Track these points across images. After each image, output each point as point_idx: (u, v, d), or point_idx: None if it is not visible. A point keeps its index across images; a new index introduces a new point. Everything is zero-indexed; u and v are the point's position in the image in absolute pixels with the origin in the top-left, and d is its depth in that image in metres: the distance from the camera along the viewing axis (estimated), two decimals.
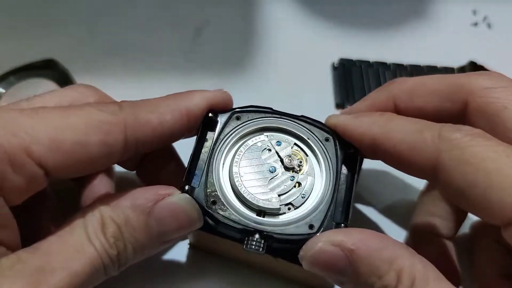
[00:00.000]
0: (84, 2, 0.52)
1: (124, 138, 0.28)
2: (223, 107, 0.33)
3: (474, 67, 0.48)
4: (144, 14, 0.52)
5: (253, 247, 0.28)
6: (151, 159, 0.35)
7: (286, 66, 0.49)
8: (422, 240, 0.36)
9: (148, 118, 0.29)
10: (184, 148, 0.35)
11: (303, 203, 0.31)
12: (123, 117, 0.28)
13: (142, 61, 0.49)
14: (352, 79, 0.48)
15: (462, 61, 0.49)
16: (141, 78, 0.48)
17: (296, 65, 0.49)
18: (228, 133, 0.32)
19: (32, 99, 0.30)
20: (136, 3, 0.53)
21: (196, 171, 0.31)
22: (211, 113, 0.32)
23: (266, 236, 0.29)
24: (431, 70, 0.48)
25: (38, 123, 0.26)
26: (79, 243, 0.27)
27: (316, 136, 0.33)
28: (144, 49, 0.49)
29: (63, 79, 0.47)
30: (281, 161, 0.32)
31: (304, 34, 0.51)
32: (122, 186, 0.31)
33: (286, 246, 0.29)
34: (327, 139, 0.33)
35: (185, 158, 0.32)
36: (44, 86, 0.47)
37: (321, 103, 0.47)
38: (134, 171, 0.37)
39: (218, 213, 0.30)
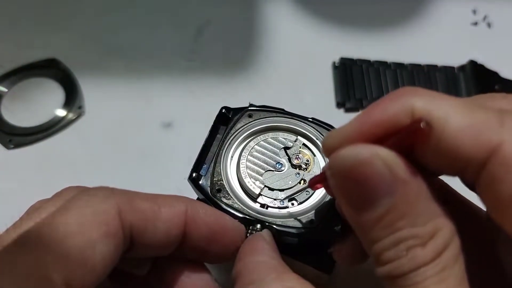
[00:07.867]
0: (86, 2, 0.53)
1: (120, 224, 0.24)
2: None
3: (474, 66, 0.48)
4: (145, 14, 0.52)
5: None
6: (168, 263, 0.28)
7: (287, 65, 0.49)
8: None
9: (143, 205, 0.25)
10: (196, 140, 0.35)
11: (306, 199, 0.31)
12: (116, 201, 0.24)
13: (144, 61, 0.49)
14: (353, 78, 0.48)
15: (462, 61, 0.49)
16: (143, 77, 0.48)
17: (297, 64, 0.49)
18: (239, 129, 0.33)
19: None
20: (137, 3, 0.53)
21: (205, 161, 0.32)
22: (225, 109, 0.33)
23: (267, 227, 0.29)
24: (431, 69, 0.49)
25: None
26: None
27: None
28: (145, 48, 0.50)
29: (65, 78, 0.47)
30: (289, 158, 0.32)
31: (305, 33, 0.52)
32: None
33: (287, 240, 0.30)
34: None
35: (197, 149, 0.33)
36: (46, 85, 0.47)
37: (322, 102, 0.47)
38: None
39: (222, 201, 0.30)
